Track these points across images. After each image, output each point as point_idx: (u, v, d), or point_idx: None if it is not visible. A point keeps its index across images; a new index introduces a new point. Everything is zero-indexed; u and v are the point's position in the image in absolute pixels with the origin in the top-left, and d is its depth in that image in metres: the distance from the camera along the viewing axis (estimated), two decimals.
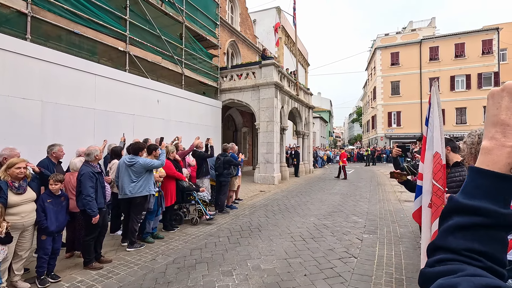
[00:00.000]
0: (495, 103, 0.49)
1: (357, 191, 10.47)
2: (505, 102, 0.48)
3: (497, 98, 0.49)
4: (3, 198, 3.08)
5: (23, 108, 5.57)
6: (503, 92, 0.49)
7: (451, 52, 27.46)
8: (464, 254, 0.45)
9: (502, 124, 0.47)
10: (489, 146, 0.48)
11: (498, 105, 0.49)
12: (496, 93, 0.50)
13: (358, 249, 4.58)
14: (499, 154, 0.46)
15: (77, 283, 3.47)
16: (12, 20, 6.19)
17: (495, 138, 0.47)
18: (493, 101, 0.50)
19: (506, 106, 0.47)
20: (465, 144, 2.05)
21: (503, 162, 0.46)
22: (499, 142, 0.47)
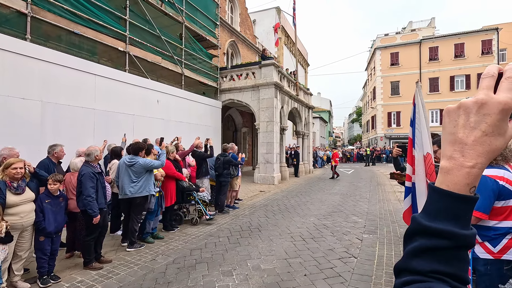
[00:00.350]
0: (452, 121, 0.48)
1: (357, 191, 10.48)
2: (461, 120, 0.47)
3: (453, 115, 0.48)
4: (2, 198, 3.08)
5: (23, 108, 5.57)
6: (460, 110, 0.47)
7: (450, 52, 27.49)
8: (430, 275, 0.46)
9: (460, 143, 0.46)
10: (448, 166, 0.47)
11: (455, 123, 0.48)
12: (452, 111, 0.49)
13: (358, 249, 4.58)
14: (458, 175, 0.46)
15: (77, 283, 3.47)
16: (12, 20, 6.19)
17: (453, 157, 0.47)
18: (449, 119, 0.49)
19: (463, 124, 0.46)
20: None
21: (463, 182, 0.45)
22: (458, 162, 0.46)
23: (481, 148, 0.45)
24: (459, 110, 0.47)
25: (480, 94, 0.45)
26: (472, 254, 1.94)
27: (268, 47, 18.98)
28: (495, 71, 0.46)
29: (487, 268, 1.85)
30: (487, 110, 0.44)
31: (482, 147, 0.44)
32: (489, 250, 1.84)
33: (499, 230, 1.82)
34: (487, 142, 0.44)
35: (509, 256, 1.80)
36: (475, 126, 0.45)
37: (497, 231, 1.83)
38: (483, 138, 0.44)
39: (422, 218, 0.48)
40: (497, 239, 1.82)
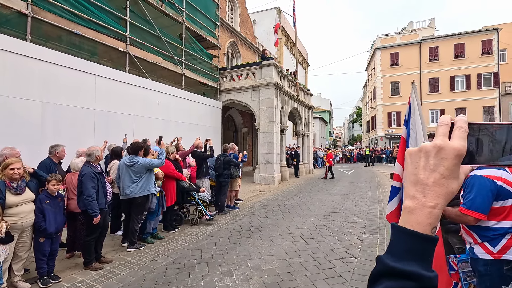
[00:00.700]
0: (413, 162, 0.51)
1: (357, 192, 10.48)
2: (422, 162, 0.50)
3: (415, 157, 0.51)
4: (1, 199, 3.08)
5: (23, 108, 5.57)
6: (421, 153, 0.50)
7: (450, 53, 27.49)
8: None
9: (421, 183, 0.49)
10: (412, 206, 0.49)
11: (416, 164, 0.50)
12: (414, 153, 0.51)
13: (358, 249, 4.58)
14: (421, 214, 0.48)
15: (77, 283, 3.47)
16: (13, 20, 6.19)
17: (416, 197, 0.49)
18: (411, 160, 0.52)
19: (423, 166, 0.49)
20: None
21: (425, 222, 0.47)
22: (420, 201, 0.48)
23: (439, 189, 0.48)
24: (420, 153, 0.51)
25: (438, 139, 0.49)
26: (472, 254, 1.94)
27: (268, 48, 18.99)
28: (449, 120, 0.50)
29: (487, 269, 1.86)
30: (444, 154, 0.48)
31: (441, 188, 0.48)
32: (489, 251, 1.85)
33: (498, 230, 1.83)
34: (445, 184, 0.48)
35: (509, 256, 1.81)
36: (434, 169, 0.48)
37: (496, 231, 1.84)
38: (441, 180, 0.48)
39: (388, 259, 0.49)
40: (497, 239, 1.83)
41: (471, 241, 1.95)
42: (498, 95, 25.84)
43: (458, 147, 0.47)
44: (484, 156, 0.50)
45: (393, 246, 0.50)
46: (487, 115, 26.09)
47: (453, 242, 2.71)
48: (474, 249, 1.93)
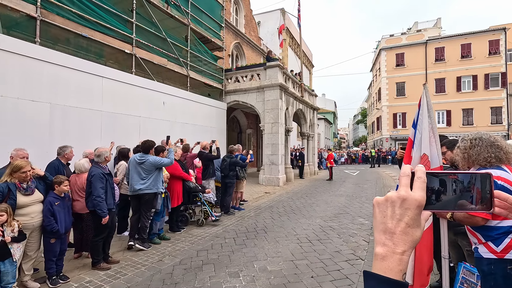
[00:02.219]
0: (381, 211, 0.54)
1: (362, 193, 10.41)
2: (389, 212, 0.52)
3: (382, 207, 0.54)
4: (12, 200, 3.13)
5: (32, 110, 5.66)
6: (387, 202, 0.53)
7: (457, 53, 27.21)
8: None
9: (390, 232, 0.52)
10: (383, 253, 0.51)
11: (384, 213, 0.53)
12: (381, 202, 0.54)
13: (365, 251, 4.55)
14: (392, 261, 0.50)
15: (85, 283, 3.50)
16: (22, 24, 6.30)
17: (386, 244, 0.51)
18: (379, 209, 0.54)
19: (391, 215, 0.52)
20: (458, 149, 2.05)
21: (397, 269, 0.50)
22: (390, 248, 0.51)
23: (406, 237, 0.51)
24: (386, 203, 0.53)
25: (401, 190, 0.52)
26: (476, 254, 1.93)
27: (273, 49, 19.03)
28: (409, 171, 0.54)
29: (490, 268, 1.85)
30: (408, 205, 0.51)
31: (407, 237, 0.51)
32: (492, 250, 1.84)
33: (501, 230, 1.82)
34: (410, 233, 0.51)
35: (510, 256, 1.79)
36: (400, 218, 0.51)
37: (499, 231, 1.83)
38: (407, 229, 0.51)
39: None
40: (500, 238, 1.82)
41: (476, 241, 1.95)
42: (506, 96, 25.49)
43: (419, 199, 0.51)
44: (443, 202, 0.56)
45: None
46: (495, 116, 25.77)
47: (463, 244, 2.67)
48: (478, 249, 1.92)
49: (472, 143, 1.94)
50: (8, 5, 5.49)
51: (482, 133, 1.99)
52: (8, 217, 2.94)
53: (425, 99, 2.05)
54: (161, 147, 5.13)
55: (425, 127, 2.13)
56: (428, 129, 1.99)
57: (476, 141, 1.93)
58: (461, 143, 1.99)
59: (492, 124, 25.43)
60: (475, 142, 1.93)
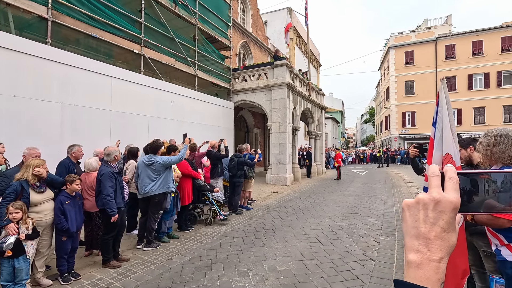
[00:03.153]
0: (412, 215, 0.50)
1: (371, 193, 10.28)
2: (421, 215, 0.49)
3: (413, 210, 0.50)
4: (26, 197, 3.17)
5: (44, 110, 5.75)
6: (419, 205, 0.50)
7: (468, 50, 26.65)
8: None
9: (423, 237, 0.48)
10: (417, 260, 0.47)
11: (416, 217, 0.49)
12: (412, 205, 0.51)
13: (375, 251, 4.48)
14: (428, 269, 0.46)
15: (96, 280, 3.53)
16: (34, 25, 6.41)
17: (420, 251, 0.48)
18: (409, 212, 0.51)
19: (423, 219, 0.49)
20: (480, 145, 1.97)
21: (434, 278, 0.46)
22: (426, 255, 0.47)
23: (442, 243, 0.47)
24: (418, 205, 0.50)
25: (433, 192, 0.49)
26: (498, 257, 1.86)
27: (280, 48, 18.94)
28: (438, 171, 0.51)
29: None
30: (442, 207, 0.47)
31: (443, 242, 0.47)
32: None
33: None
34: (446, 238, 0.47)
35: None
36: (434, 222, 0.48)
37: None
38: (442, 234, 0.47)
39: None
40: None
41: (497, 243, 1.87)
42: None
43: (454, 201, 0.48)
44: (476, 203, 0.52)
45: None
46: (508, 115, 25.15)
47: (479, 245, 2.59)
48: (501, 251, 1.85)
49: (497, 140, 1.85)
50: (20, 6, 5.59)
51: (508, 129, 1.89)
52: (23, 215, 2.98)
53: (443, 95, 1.98)
54: (174, 146, 5.15)
55: (445, 125, 2.05)
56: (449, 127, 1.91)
57: (502, 138, 1.84)
58: (484, 139, 1.91)
59: (505, 123, 24.79)
60: (500, 139, 1.85)
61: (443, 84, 1.99)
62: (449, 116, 1.94)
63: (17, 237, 2.89)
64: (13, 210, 2.92)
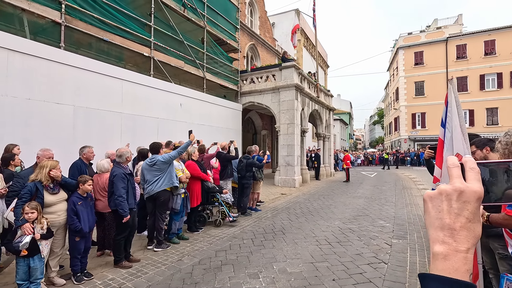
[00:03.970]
0: (435, 206, 0.50)
1: (381, 195, 10.13)
2: (445, 206, 0.48)
3: (436, 201, 0.50)
4: (40, 198, 3.23)
5: (57, 112, 5.87)
6: (441, 196, 0.49)
7: (480, 50, 26.13)
8: None
9: (448, 228, 0.47)
10: (444, 252, 0.47)
11: (439, 208, 0.49)
12: (435, 196, 0.50)
13: (387, 254, 4.40)
14: (456, 260, 0.46)
15: (108, 280, 3.57)
16: (48, 29, 6.56)
17: (446, 242, 0.47)
18: (432, 204, 0.50)
19: (447, 210, 0.48)
20: (499, 143, 1.92)
21: (463, 269, 0.45)
22: (452, 246, 0.46)
23: (468, 233, 0.46)
24: (441, 196, 0.49)
25: (456, 182, 0.48)
26: None
27: (287, 50, 18.92)
28: (458, 162, 0.51)
29: None
30: (466, 197, 0.47)
31: (468, 232, 0.46)
32: None
33: None
34: (471, 228, 0.47)
35: None
36: (459, 213, 0.47)
37: None
38: (468, 224, 0.47)
39: None
40: None
41: None
42: None
43: (478, 190, 0.47)
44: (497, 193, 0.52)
45: None
46: None
47: (495, 247, 2.52)
48: None
49: None
50: (35, 12, 5.73)
51: None
52: (38, 215, 3.04)
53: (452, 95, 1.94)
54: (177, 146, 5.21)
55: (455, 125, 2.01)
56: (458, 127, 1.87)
57: None
58: (504, 138, 1.87)
59: None
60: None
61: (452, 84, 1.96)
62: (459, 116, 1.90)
63: (33, 236, 2.94)
64: (28, 210, 2.97)
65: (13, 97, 5.24)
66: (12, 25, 6.27)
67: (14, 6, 5.53)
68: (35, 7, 5.74)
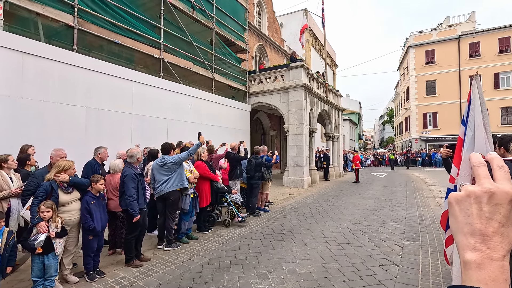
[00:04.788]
0: (463, 209, 0.46)
1: (392, 196, 9.98)
2: (474, 210, 0.45)
3: (464, 204, 0.46)
4: (55, 197, 3.31)
5: (70, 113, 6.00)
6: (470, 199, 0.46)
7: (494, 48, 25.45)
8: None
9: (480, 234, 0.44)
10: (478, 260, 0.43)
11: (468, 212, 0.46)
12: (462, 199, 0.47)
13: (399, 256, 4.33)
14: (492, 269, 0.42)
15: (120, 279, 3.62)
16: (61, 33, 6.72)
17: (479, 249, 0.43)
18: (459, 207, 0.47)
19: (477, 214, 0.45)
20: None
21: (501, 279, 0.41)
22: (486, 253, 0.43)
23: (502, 239, 0.43)
24: (469, 199, 0.46)
25: (485, 183, 0.45)
26: None
27: (296, 50, 18.86)
28: (483, 160, 0.48)
29: None
30: (498, 200, 0.44)
31: (502, 238, 0.43)
32: None
33: None
34: (505, 233, 0.43)
35: None
36: (491, 217, 0.44)
37: None
38: (501, 229, 0.43)
39: None
40: None
41: None
42: None
43: (511, 191, 0.44)
44: None
45: None
46: None
47: None
48: None
49: None
50: (49, 16, 5.88)
51: None
52: (53, 214, 3.11)
53: (476, 92, 1.88)
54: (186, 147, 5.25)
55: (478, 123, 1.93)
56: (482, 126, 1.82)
57: None
58: None
59: None
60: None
61: (476, 80, 1.90)
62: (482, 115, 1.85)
63: (48, 234, 3.01)
64: (44, 209, 3.05)
65: (28, 99, 5.39)
66: (27, 29, 6.44)
67: (29, 11, 5.69)
68: (49, 11, 5.89)
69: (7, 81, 5.13)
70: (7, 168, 3.74)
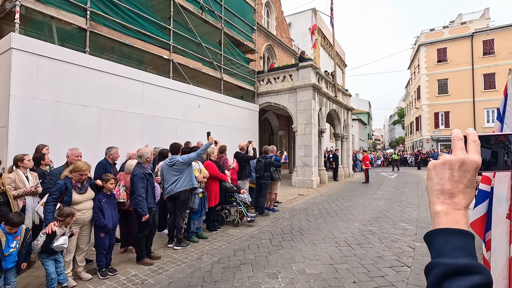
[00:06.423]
0: (438, 173, 0.56)
1: (403, 196, 9.82)
2: (447, 174, 0.55)
3: (439, 169, 0.56)
4: (68, 196, 3.39)
5: (82, 114, 6.13)
6: (445, 165, 0.55)
7: (509, 45, 24.71)
8: None
9: (448, 193, 0.54)
10: (445, 209, 0.53)
11: (441, 175, 0.55)
12: (438, 165, 0.56)
13: (410, 258, 4.26)
14: (456, 214, 0.52)
15: (131, 276, 3.68)
16: (74, 35, 6.88)
17: (445, 203, 0.54)
18: (435, 172, 0.57)
19: (449, 177, 0.55)
20: None
21: (463, 222, 0.52)
22: (451, 205, 0.53)
23: (464, 196, 0.54)
24: (444, 166, 0.56)
25: (459, 153, 0.55)
26: None
27: (304, 49, 18.77)
28: (461, 135, 0.57)
29: None
30: (467, 167, 0.54)
31: (465, 195, 0.54)
32: None
33: None
34: (467, 192, 0.54)
35: None
36: (459, 180, 0.54)
37: None
38: (465, 189, 0.54)
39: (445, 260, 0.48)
40: None
41: None
42: None
43: (478, 161, 0.54)
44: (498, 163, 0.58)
45: (442, 248, 0.50)
46: None
47: None
48: None
49: None
50: (63, 19, 6.03)
51: None
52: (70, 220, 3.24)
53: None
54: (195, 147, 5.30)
55: None
56: None
57: None
58: None
59: None
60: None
61: None
62: None
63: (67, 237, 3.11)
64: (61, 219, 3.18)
65: (43, 100, 5.53)
66: (42, 32, 6.61)
67: (43, 14, 5.84)
68: (62, 14, 6.03)
69: (23, 82, 5.28)
70: (23, 167, 3.85)
